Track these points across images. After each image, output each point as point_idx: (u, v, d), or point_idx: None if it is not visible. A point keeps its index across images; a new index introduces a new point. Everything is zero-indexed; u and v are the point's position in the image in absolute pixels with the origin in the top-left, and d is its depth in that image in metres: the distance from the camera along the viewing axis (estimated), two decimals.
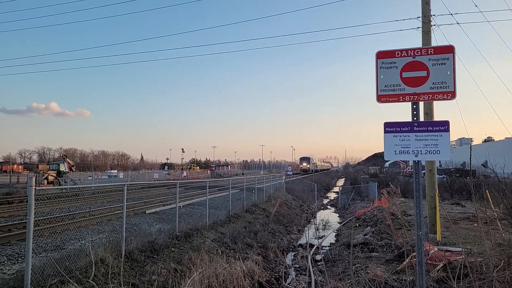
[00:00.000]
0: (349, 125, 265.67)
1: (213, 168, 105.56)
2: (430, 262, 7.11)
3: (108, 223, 12.21)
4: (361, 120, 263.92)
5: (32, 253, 5.76)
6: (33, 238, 5.73)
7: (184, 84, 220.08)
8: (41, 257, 7.40)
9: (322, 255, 11.65)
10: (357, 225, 15.89)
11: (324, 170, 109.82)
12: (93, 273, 6.35)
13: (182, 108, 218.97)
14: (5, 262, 7.62)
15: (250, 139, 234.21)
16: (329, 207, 30.92)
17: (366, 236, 11.83)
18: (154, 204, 17.61)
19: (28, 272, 5.61)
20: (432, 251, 7.63)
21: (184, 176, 64.32)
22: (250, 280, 8.29)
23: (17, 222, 12.46)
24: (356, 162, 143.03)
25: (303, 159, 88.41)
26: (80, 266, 6.65)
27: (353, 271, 7.43)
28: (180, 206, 13.22)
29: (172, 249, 9.42)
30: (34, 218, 5.77)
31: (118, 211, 13.73)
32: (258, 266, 9.17)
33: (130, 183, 27.33)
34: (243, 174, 73.91)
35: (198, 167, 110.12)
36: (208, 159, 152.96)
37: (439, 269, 6.84)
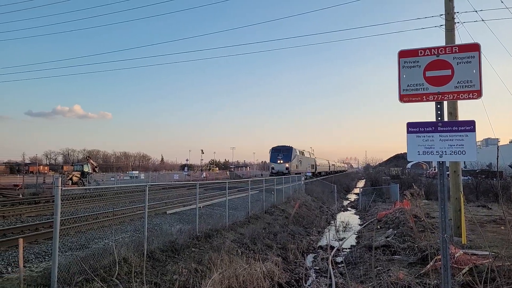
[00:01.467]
0: (370, 125, 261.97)
1: (232, 169, 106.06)
2: (455, 265, 6.93)
3: (131, 223, 12.44)
4: (382, 121, 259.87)
5: (58, 251, 5.93)
6: (59, 237, 5.91)
7: (204, 86, 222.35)
8: (66, 256, 7.61)
9: (343, 257, 11.52)
10: (379, 227, 15.63)
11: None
12: (116, 272, 6.49)
13: (202, 109, 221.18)
14: (33, 260, 7.87)
15: (269, 140, 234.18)
16: (349, 208, 30.55)
17: (388, 239, 11.63)
18: (175, 205, 17.83)
19: (55, 269, 5.78)
20: (457, 254, 7.44)
21: (204, 177, 64.84)
22: (270, 281, 8.28)
23: (44, 221, 12.86)
24: (377, 163, 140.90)
25: (276, 151, 46.86)
26: (104, 265, 6.81)
27: (375, 274, 7.32)
28: (200, 207, 13.35)
29: (193, 249, 9.52)
30: (60, 217, 5.95)
31: (140, 211, 13.98)
32: (278, 267, 9.16)
33: (152, 183, 27.75)
34: (261, 175, 73.48)
35: (217, 168, 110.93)
36: (227, 160, 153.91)
37: (465, 273, 6.66)
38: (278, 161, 45.40)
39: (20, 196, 25.43)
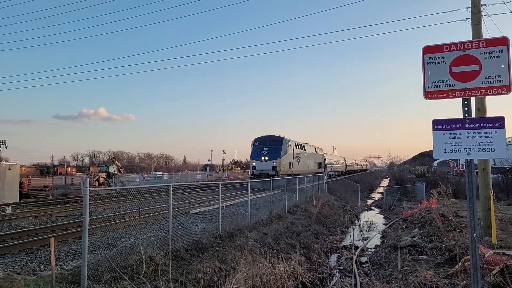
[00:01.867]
0: (393, 123, 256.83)
1: None
2: (485, 266, 6.72)
3: (156, 223, 12.69)
4: (406, 118, 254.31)
5: (88, 250, 6.13)
6: (88, 236, 6.11)
7: (224, 86, 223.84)
8: (95, 254, 7.86)
9: (368, 257, 11.37)
10: (404, 226, 15.33)
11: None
12: (143, 270, 6.65)
13: (223, 109, 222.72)
14: (64, 258, 8.15)
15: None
16: (373, 208, 30.09)
17: (414, 238, 11.40)
18: (198, 205, 18.06)
19: (85, 268, 5.98)
20: (487, 255, 7.21)
21: (226, 176, 65.26)
22: (293, 281, 8.29)
23: (72, 221, 13.30)
24: (401, 162, 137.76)
25: (260, 144, 33.07)
26: (131, 263, 6.98)
27: (401, 274, 7.19)
28: (223, 207, 13.46)
29: (216, 248, 9.63)
30: (89, 217, 6.15)
31: (164, 211, 14.24)
32: (301, 266, 9.15)
33: (175, 184, 28.15)
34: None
35: (239, 168, 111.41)
36: (248, 160, 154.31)
37: (496, 273, 6.46)
38: (262, 158, 31.25)
39: (50, 196, 26.39)
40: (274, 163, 30.67)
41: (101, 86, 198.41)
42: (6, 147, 42.59)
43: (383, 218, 23.31)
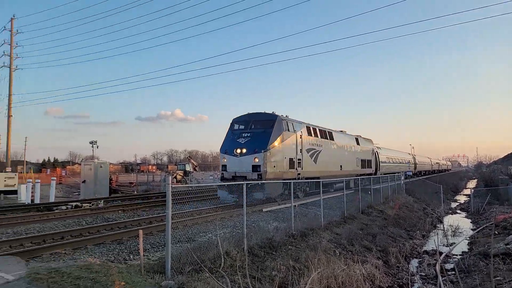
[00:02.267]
0: (481, 120, 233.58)
1: None
2: None
3: (230, 219, 13.10)
4: (496, 115, 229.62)
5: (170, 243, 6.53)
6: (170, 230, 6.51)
7: (289, 85, 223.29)
8: (177, 247, 8.35)
9: (454, 264, 10.49)
10: (496, 232, 13.86)
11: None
12: (222, 264, 6.90)
13: (292, 105, 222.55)
14: (150, 249, 8.80)
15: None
16: (458, 211, 27.70)
17: (508, 246, 10.25)
18: (270, 203, 18.23)
19: (169, 259, 6.38)
20: None
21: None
22: (370, 285, 7.98)
23: (155, 215, 14.31)
24: (491, 161, 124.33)
25: (241, 126, 18.61)
26: (209, 257, 7.29)
27: (493, 284, 6.51)
28: (295, 206, 13.41)
29: (289, 247, 9.64)
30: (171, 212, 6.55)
31: (238, 208, 14.63)
32: (379, 270, 8.79)
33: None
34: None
35: None
36: None
37: None
38: (237, 150, 17.99)
39: (135, 192, 28.75)
40: (256, 159, 17.53)
41: (177, 90, 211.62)
42: (97, 147, 47.46)
43: (470, 222, 21.35)
